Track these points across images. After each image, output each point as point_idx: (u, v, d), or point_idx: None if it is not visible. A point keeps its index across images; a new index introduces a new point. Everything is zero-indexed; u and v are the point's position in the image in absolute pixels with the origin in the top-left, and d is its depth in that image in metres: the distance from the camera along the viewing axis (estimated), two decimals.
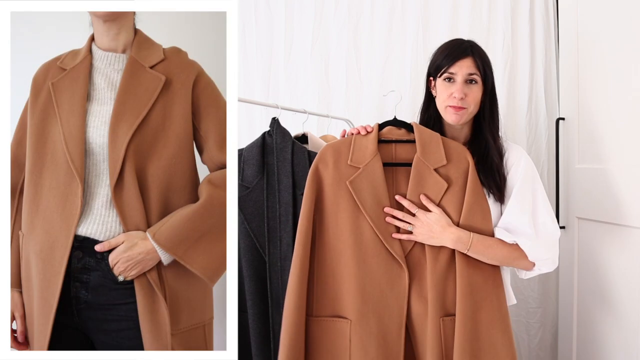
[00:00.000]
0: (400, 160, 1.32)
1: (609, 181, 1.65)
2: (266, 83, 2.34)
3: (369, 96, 2.22)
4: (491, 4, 2.14)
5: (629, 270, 1.57)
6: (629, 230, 1.56)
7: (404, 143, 1.33)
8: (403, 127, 1.35)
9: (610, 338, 1.66)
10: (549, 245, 1.32)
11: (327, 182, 1.29)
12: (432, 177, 1.26)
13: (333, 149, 1.32)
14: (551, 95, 2.11)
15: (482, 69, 1.36)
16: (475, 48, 1.38)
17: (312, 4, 2.28)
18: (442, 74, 1.36)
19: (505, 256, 1.28)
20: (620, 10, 1.61)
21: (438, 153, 1.28)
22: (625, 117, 1.58)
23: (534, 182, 1.36)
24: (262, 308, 1.45)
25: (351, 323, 1.24)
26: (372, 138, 1.31)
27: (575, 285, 1.86)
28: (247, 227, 1.45)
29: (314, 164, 1.31)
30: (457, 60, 1.34)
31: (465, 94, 1.34)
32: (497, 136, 1.40)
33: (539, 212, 1.32)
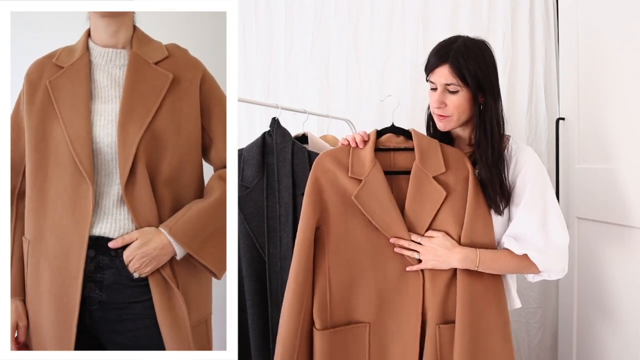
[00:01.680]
0: (399, 168, 1.30)
1: (609, 181, 1.65)
2: (266, 83, 2.34)
3: (369, 96, 2.23)
4: (491, 4, 2.14)
5: (629, 271, 1.57)
6: (630, 230, 1.56)
7: (402, 151, 1.31)
8: (402, 134, 1.33)
9: (610, 338, 1.66)
10: (560, 257, 1.27)
11: (329, 195, 1.27)
12: (431, 185, 1.24)
13: (331, 157, 1.29)
14: (551, 95, 2.11)
15: (461, 76, 1.26)
16: (455, 53, 1.26)
17: (312, 4, 2.28)
18: (427, 80, 1.34)
19: (515, 266, 1.26)
20: (620, 10, 1.61)
21: (437, 160, 1.26)
22: (626, 117, 1.58)
23: (544, 188, 1.28)
24: (261, 308, 1.45)
25: (370, 325, 1.25)
26: (369, 148, 1.28)
27: (575, 286, 1.86)
28: (246, 227, 1.45)
29: (312, 174, 1.28)
30: (434, 69, 1.29)
31: (444, 102, 1.29)
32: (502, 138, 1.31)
33: (549, 219, 1.26)
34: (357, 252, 1.26)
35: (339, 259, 1.26)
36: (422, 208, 1.24)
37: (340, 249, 1.26)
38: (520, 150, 1.32)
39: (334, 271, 1.26)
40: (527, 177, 1.28)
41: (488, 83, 1.29)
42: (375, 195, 1.24)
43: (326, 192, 1.27)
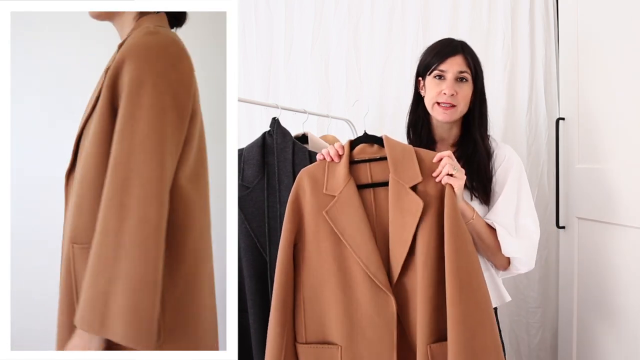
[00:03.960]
0: (377, 180, 1.25)
1: (609, 181, 1.65)
2: (266, 83, 2.34)
3: (369, 96, 2.22)
4: (491, 4, 2.14)
5: (629, 270, 1.57)
6: (629, 230, 1.56)
7: (379, 161, 1.26)
8: (375, 142, 1.27)
9: (610, 338, 1.66)
10: (526, 245, 1.32)
11: (307, 210, 1.24)
12: (409, 196, 1.18)
13: (309, 175, 1.27)
14: (551, 95, 2.11)
15: (473, 67, 1.35)
16: (465, 47, 1.37)
17: (312, 4, 2.28)
18: (432, 72, 1.35)
19: (490, 244, 1.30)
20: (620, 10, 1.61)
21: (412, 170, 1.21)
22: (626, 117, 1.58)
23: (520, 184, 1.36)
24: (263, 308, 1.45)
25: (341, 349, 1.20)
26: (343, 162, 1.25)
27: (575, 285, 1.86)
28: (247, 227, 1.45)
29: (293, 191, 1.26)
30: (447, 58, 1.34)
31: (455, 91, 1.33)
32: (485, 136, 1.40)
33: (521, 213, 1.33)
34: (328, 272, 1.22)
35: (311, 278, 1.24)
36: (404, 222, 1.18)
37: (312, 268, 1.24)
38: (499, 147, 1.41)
39: (307, 290, 1.24)
40: (508, 173, 1.35)
41: (482, 84, 1.40)
42: (347, 212, 1.20)
43: (305, 209, 1.25)
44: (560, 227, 1.95)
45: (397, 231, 1.18)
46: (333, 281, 1.21)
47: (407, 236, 1.17)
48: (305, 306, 1.24)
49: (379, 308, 1.18)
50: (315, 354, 1.23)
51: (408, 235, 1.17)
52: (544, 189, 2.09)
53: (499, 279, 1.39)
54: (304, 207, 1.25)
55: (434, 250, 1.17)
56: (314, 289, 1.24)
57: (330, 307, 1.22)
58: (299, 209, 1.25)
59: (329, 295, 1.22)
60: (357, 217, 1.20)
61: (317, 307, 1.24)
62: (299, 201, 1.26)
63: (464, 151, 1.37)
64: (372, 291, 1.18)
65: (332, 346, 1.21)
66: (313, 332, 1.24)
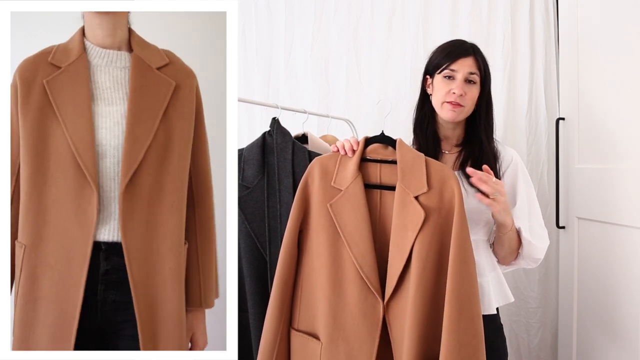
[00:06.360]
0: (385, 182, 1.24)
1: (609, 181, 1.65)
2: (266, 83, 2.34)
3: (369, 96, 2.23)
4: (491, 4, 2.14)
5: (629, 270, 1.57)
6: (630, 230, 1.56)
7: (389, 164, 1.25)
8: (390, 144, 1.27)
9: (610, 338, 1.66)
10: (543, 247, 1.38)
11: (314, 200, 1.25)
12: (412, 205, 1.17)
13: (320, 165, 1.27)
14: (551, 95, 2.11)
15: (483, 70, 1.37)
16: (477, 50, 1.40)
17: (312, 4, 2.28)
18: (442, 71, 1.36)
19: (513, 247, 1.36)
20: (620, 10, 1.61)
21: (419, 179, 1.19)
22: (625, 117, 1.58)
23: (528, 189, 1.40)
24: (263, 308, 1.45)
25: (322, 345, 1.20)
26: (355, 158, 1.25)
27: (575, 285, 1.86)
28: (247, 227, 1.45)
29: (303, 178, 1.27)
30: (459, 58, 1.35)
31: (464, 91, 1.35)
32: (491, 138, 1.42)
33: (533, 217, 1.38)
34: (322, 265, 1.22)
35: (308, 268, 1.24)
36: (405, 232, 1.16)
37: (311, 259, 1.24)
38: (505, 151, 1.43)
39: (305, 279, 1.25)
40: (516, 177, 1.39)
41: (489, 88, 1.42)
42: (350, 208, 1.20)
43: (312, 198, 1.25)
44: (560, 227, 1.95)
45: (398, 240, 1.17)
46: (324, 276, 1.20)
47: (406, 247, 1.15)
48: (302, 293, 1.26)
49: (366, 310, 1.17)
50: (302, 342, 1.24)
51: (407, 246, 1.15)
52: (544, 189, 2.09)
53: (504, 279, 1.41)
54: (311, 195, 1.26)
55: (431, 264, 1.15)
56: (310, 279, 1.25)
57: (319, 302, 1.22)
58: (307, 196, 1.27)
59: (320, 289, 1.22)
60: (359, 215, 1.20)
61: (310, 297, 1.25)
62: (307, 189, 1.27)
63: (470, 152, 1.39)
64: (362, 292, 1.17)
65: (316, 340, 1.22)
66: (304, 320, 1.25)
